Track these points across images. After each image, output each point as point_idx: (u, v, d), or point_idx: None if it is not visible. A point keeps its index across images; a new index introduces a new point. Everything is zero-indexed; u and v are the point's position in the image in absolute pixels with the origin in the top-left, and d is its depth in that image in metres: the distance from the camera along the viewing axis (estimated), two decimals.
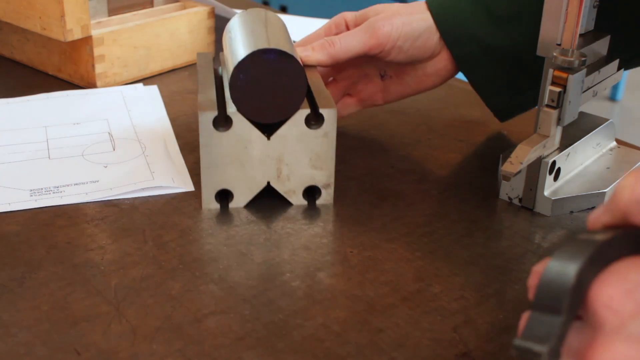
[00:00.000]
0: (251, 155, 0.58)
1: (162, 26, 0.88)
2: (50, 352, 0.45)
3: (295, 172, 0.60)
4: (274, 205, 0.61)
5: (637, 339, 0.30)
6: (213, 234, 0.57)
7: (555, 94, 0.57)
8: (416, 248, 0.56)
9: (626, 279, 0.32)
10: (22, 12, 0.82)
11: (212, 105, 0.58)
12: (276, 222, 0.59)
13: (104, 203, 0.61)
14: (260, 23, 0.62)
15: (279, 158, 0.59)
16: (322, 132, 0.59)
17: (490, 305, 0.50)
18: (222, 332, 0.47)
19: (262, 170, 0.59)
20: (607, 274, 0.32)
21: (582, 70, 0.57)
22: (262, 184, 0.60)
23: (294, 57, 0.56)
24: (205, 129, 0.57)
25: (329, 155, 0.60)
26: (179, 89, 0.85)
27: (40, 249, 0.55)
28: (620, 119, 2.70)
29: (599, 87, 0.62)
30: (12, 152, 0.69)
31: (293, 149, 0.59)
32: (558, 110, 0.58)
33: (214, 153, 0.58)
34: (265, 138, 0.58)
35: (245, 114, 0.57)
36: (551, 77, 0.57)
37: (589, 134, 0.65)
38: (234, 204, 0.60)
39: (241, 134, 0.57)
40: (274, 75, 0.56)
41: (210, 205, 0.60)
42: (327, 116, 0.58)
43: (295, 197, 0.61)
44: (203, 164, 0.58)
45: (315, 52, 0.66)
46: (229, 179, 0.59)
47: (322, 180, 0.60)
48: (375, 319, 0.49)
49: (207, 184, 0.59)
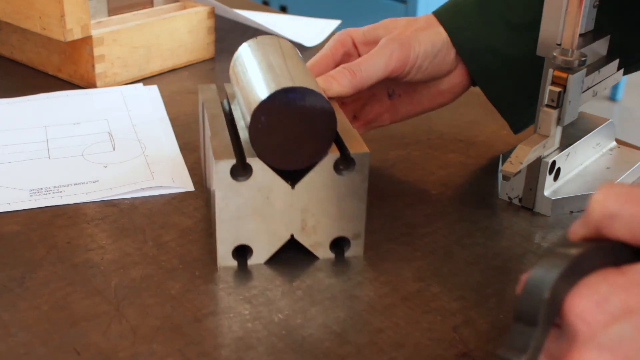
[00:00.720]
0: (273, 206, 0.51)
1: (162, 26, 0.88)
2: (50, 352, 0.45)
3: (322, 223, 0.53)
4: (296, 259, 0.54)
5: (607, 347, 0.32)
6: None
7: (555, 94, 0.57)
8: (416, 248, 0.56)
9: (597, 291, 0.34)
10: (22, 12, 0.82)
11: (229, 152, 0.50)
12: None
13: (104, 203, 0.61)
14: (277, 54, 0.55)
15: (304, 208, 0.52)
16: (352, 178, 0.52)
17: (490, 305, 0.50)
18: (222, 332, 0.47)
19: (285, 223, 0.52)
20: (580, 287, 0.34)
21: (582, 70, 0.57)
22: (285, 238, 0.53)
23: (322, 96, 0.50)
24: (222, 179, 0.50)
25: (360, 204, 0.53)
26: (179, 89, 0.85)
27: (40, 249, 0.55)
28: (620, 119, 2.70)
29: (599, 87, 0.62)
30: (12, 152, 0.69)
31: (320, 198, 0.52)
32: (558, 110, 0.58)
33: (231, 205, 0.51)
34: (289, 187, 0.51)
35: (267, 161, 0.50)
36: (551, 77, 0.57)
37: (589, 134, 0.65)
38: (253, 261, 0.53)
39: (262, 183, 0.51)
40: (299, 117, 0.49)
41: (226, 263, 0.53)
42: (359, 160, 0.51)
43: (322, 250, 0.54)
44: (219, 218, 0.51)
45: (335, 83, 0.59)
46: (248, 233, 0.52)
47: (351, 230, 0.54)
48: (375, 319, 0.49)
49: (223, 240, 0.52)
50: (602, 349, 0.32)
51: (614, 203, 0.35)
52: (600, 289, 0.34)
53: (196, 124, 0.76)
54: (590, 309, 0.34)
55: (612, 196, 0.36)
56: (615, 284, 0.34)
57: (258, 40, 0.57)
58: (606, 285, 0.34)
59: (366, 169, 0.52)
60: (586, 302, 0.34)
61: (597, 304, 0.34)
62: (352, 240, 0.54)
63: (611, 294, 0.34)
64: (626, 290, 0.34)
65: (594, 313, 0.33)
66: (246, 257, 0.53)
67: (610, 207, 0.35)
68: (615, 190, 0.36)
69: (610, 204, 0.35)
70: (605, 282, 0.34)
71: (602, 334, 0.33)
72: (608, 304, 0.33)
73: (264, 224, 0.52)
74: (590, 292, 0.34)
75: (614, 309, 0.33)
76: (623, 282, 0.34)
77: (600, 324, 0.33)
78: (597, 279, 0.35)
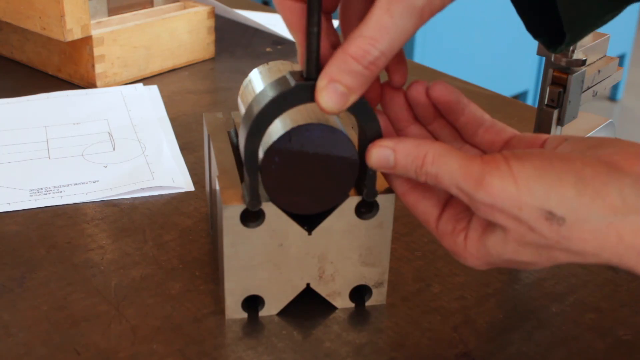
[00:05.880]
0: (288, 254, 0.47)
1: (162, 26, 0.88)
2: (50, 352, 0.45)
3: (341, 270, 0.48)
4: (311, 309, 0.50)
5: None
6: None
7: (555, 94, 0.57)
8: (416, 248, 0.56)
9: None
10: (22, 12, 0.82)
11: (238, 195, 0.45)
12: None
13: (104, 203, 0.61)
14: None
15: (321, 256, 0.47)
16: (375, 222, 0.47)
17: (490, 305, 0.50)
18: (222, 332, 0.47)
19: (300, 271, 0.48)
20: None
21: (582, 70, 0.57)
22: (301, 287, 0.48)
23: (343, 133, 0.44)
24: (231, 225, 0.45)
25: (384, 249, 0.48)
26: (179, 89, 0.85)
27: (40, 249, 0.55)
28: (620, 119, 2.70)
29: (599, 87, 0.62)
30: (12, 152, 0.69)
31: (340, 244, 0.47)
32: (558, 110, 0.58)
33: (241, 253, 0.46)
34: (306, 233, 0.46)
35: (281, 205, 0.45)
36: (551, 77, 0.57)
37: (589, 134, 0.65)
38: (265, 312, 0.49)
39: (276, 230, 0.46)
40: (317, 158, 0.44)
41: (235, 315, 0.48)
42: (383, 203, 0.47)
43: (341, 300, 0.50)
44: (227, 266, 0.46)
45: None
46: (260, 283, 0.47)
47: (373, 278, 0.49)
48: (375, 319, 0.49)
49: (231, 291, 0.47)
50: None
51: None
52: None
53: (196, 124, 0.76)
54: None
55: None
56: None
57: (270, 66, 0.51)
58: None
59: (391, 212, 0.47)
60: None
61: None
62: (374, 288, 0.50)
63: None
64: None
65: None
66: (257, 307, 0.49)
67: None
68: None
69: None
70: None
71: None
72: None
73: (276, 273, 0.47)
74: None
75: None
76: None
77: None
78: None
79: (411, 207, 0.44)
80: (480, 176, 0.38)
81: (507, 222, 0.38)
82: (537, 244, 0.38)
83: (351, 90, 0.39)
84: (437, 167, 0.39)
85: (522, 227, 0.37)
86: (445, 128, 0.46)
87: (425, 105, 0.45)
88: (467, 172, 0.38)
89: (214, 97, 0.85)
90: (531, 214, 0.37)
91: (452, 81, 0.91)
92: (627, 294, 0.52)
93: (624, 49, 2.80)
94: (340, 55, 0.39)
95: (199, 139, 0.72)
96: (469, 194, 0.38)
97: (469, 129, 0.46)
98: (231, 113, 0.56)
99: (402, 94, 0.45)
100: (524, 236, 0.38)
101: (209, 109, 0.81)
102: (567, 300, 0.51)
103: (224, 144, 0.52)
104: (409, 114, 0.46)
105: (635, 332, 0.48)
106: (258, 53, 0.98)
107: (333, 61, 0.39)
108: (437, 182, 0.40)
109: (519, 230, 0.38)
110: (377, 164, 0.42)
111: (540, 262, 0.39)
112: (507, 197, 0.37)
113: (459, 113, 0.45)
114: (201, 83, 0.88)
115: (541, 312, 0.50)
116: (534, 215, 0.37)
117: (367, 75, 0.39)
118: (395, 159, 0.41)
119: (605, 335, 0.48)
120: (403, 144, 0.41)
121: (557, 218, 0.36)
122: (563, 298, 0.51)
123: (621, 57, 2.80)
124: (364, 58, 0.38)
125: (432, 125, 0.46)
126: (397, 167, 0.41)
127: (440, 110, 0.45)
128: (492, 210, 0.38)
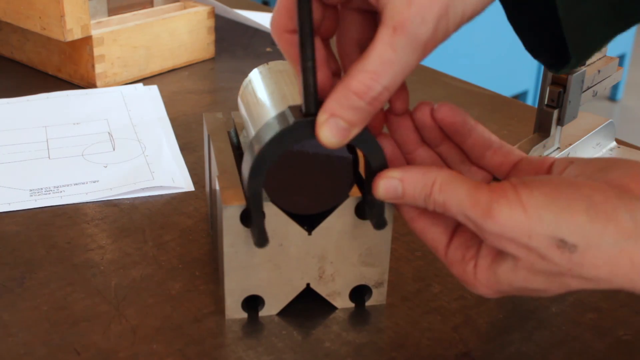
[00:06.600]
0: (288, 254, 0.47)
1: (162, 26, 0.88)
2: (50, 352, 0.45)
3: (341, 270, 0.48)
4: (311, 309, 0.50)
5: None
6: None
7: (555, 94, 0.57)
8: (416, 248, 0.56)
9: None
10: (22, 12, 0.82)
11: (239, 195, 0.45)
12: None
13: (104, 203, 0.61)
14: (292, 84, 0.48)
15: (321, 256, 0.48)
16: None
17: (490, 305, 0.50)
18: (222, 332, 0.47)
19: (300, 271, 0.48)
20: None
21: (582, 71, 0.57)
22: (301, 287, 0.48)
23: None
24: (231, 225, 0.45)
25: (384, 249, 0.48)
26: (179, 89, 0.85)
27: (40, 249, 0.55)
28: (620, 119, 2.70)
29: (598, 87, 0.62)
30: (12, 152, 0.69)
31: (340, 244, 0.47)
32: (558, 110, 0.58)
33: (240, 253, 0.46)
34: (306, 233, 0.47)
35: (281, 205, 0.45)
36: (551, 77, 0.57)
37: (589, 134, 0.65)
38: (265, 312, 0.49)
39: (275, 230, 0.46)
40: (318, 157, 0.44)
41: (235, 315, 0.48)
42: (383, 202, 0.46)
43: (340, 300, 0.50)
44: (227, 267, 0.47)
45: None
46: (260, 283, 0.48)
47: (373, 278, 0.49)
48: (375, 319, 0.49)
49: (231, 291, 0.47)
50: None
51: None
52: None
53: (196, 124, 0.76)
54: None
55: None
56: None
57: (270, 66, 0.51)
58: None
59: (391, 212, 0.47)
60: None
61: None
62: (374, 288, 0.50)
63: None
64: None
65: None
66: (257, 307, 0.49)
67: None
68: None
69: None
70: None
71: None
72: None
73: (276, 273, 0.47)
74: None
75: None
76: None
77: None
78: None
79: (420, 233, 0.43)
80: (488, 205, 0.37)
81: (517, 250, 0.37)
82: (548, 271, 0.37)
83: (352, 125, 0.39)
84: (445, 195, 0.39)
85: (532, 256, 0.37)
86: (453, 150, 0.46)
87: (431, 127, 0.44)
88: (475, 201, 0.38)
89: (214, 97, 0.85)
90: (542, 242, 0.36)
91: (452, 81, 0.91)
92: (627, 294, 0.51)
93: (624, 49, 2.80)
94: (342, 90, 0.38)
95: (199, 139, 0.72)
96: (477, 223, 0.38)
97: (477, 151, 0.45)
98: (231, 113, 0.56)
99: (409, 117, 0.45)
100: (535, 264, 0.37)
101: (209, 109, 0.81)
102: (567, 300, 0.51)
103: (224, 144, 0.52)
104: (416, 136, 0.45)
105: (635, 332, 0.48)
106: (258, 53, 0.98)
107: (334, 96, 0.38)
108: (445, 210, 0.40)
109: (529, 258, 0.37)
110: (385, 196, 0.41)
111: (551, 290, 0.39)
112: (516, 225, 0.37)
113: (465, 135, 0.45)
114: (201, 83, 0.88)
115: (541, 312, 0.50)
116: (545, 243, 0.36)
117: (369, 111, 0.38)
118: (403, 188, 0.41)
119: (605, 335, 0.48)
120: (410, 173, 0.41)
121: (569, 245, 0.36)
122: (563, 298, 0.51)
123: (621, 57, 2.80)
124: (366, 94, 0.37)
125: (439, 148, 0.46)
126: (406, 197, 0.41)
127: (447, 132, 0.45)
128: (501, 239, 0.38)
